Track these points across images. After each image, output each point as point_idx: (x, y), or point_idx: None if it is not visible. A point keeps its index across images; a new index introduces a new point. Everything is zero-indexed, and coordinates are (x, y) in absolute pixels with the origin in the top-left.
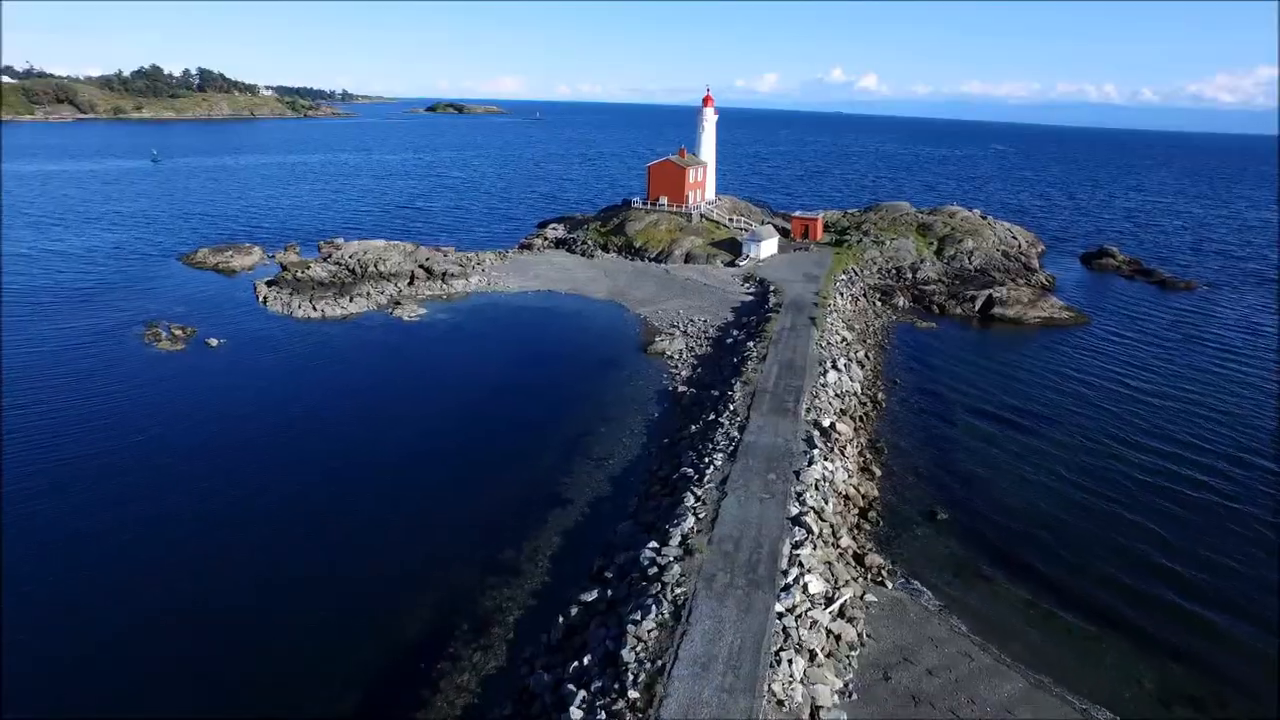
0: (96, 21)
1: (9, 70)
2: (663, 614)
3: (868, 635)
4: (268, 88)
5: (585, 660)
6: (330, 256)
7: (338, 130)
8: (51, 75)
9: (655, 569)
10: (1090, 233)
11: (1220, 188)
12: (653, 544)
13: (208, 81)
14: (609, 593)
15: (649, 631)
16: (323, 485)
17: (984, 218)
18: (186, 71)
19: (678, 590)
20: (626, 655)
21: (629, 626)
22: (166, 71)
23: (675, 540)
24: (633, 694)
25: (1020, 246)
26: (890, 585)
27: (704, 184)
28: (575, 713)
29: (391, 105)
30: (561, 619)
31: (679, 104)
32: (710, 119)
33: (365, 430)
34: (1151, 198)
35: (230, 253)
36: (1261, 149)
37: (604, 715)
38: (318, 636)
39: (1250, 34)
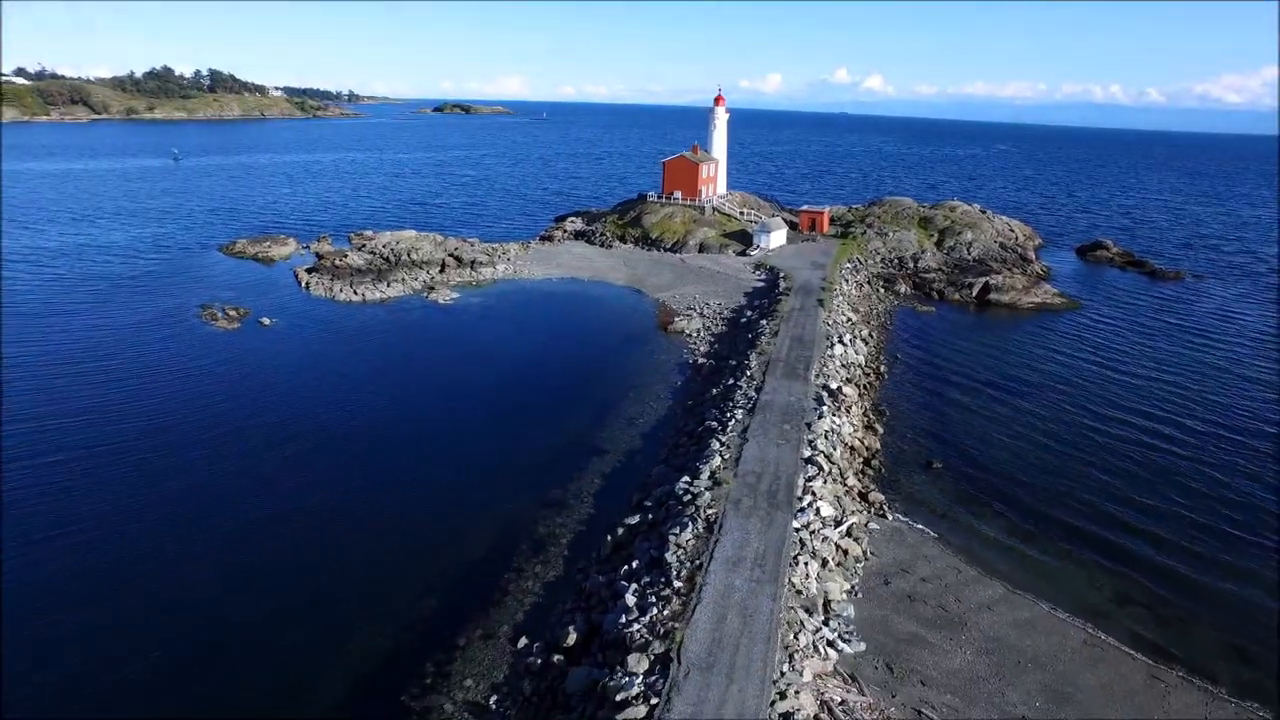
0: (99, 23)
1: (22, 72)
2: (697, 528)
3: (870, 552)
4: (276, 88)
5: (633, 564)
6: (364, 246)
7: (348, 130)
8: (63, 77)
9: (689, 496)
10: (1087, 228)
11: (1220, 186)
12: (685, 479)
13: (218, 82)
14: (649, 516)
15: (687, 540)
16: (388, 441)
17: (983, 212)
18: (198, 72)
19: (709, 511)
20: (669, 558)
21: (670, 537)
22: (178, 73)
23: (705, 475)
24: (677, 583)
25: (1018, 239)
26: (890, 517)
27: (716, 179)
28: (630, 598)
29: (398, 106)
30: (609, 538)
31: (684, 104)
32: (722, 117)
33: (419, 394)
34: (1151, 196)
35: (268, 243)
36: (1265, 149)
37: (653, 599)
38: (399, 556)
39: (1257, 34)
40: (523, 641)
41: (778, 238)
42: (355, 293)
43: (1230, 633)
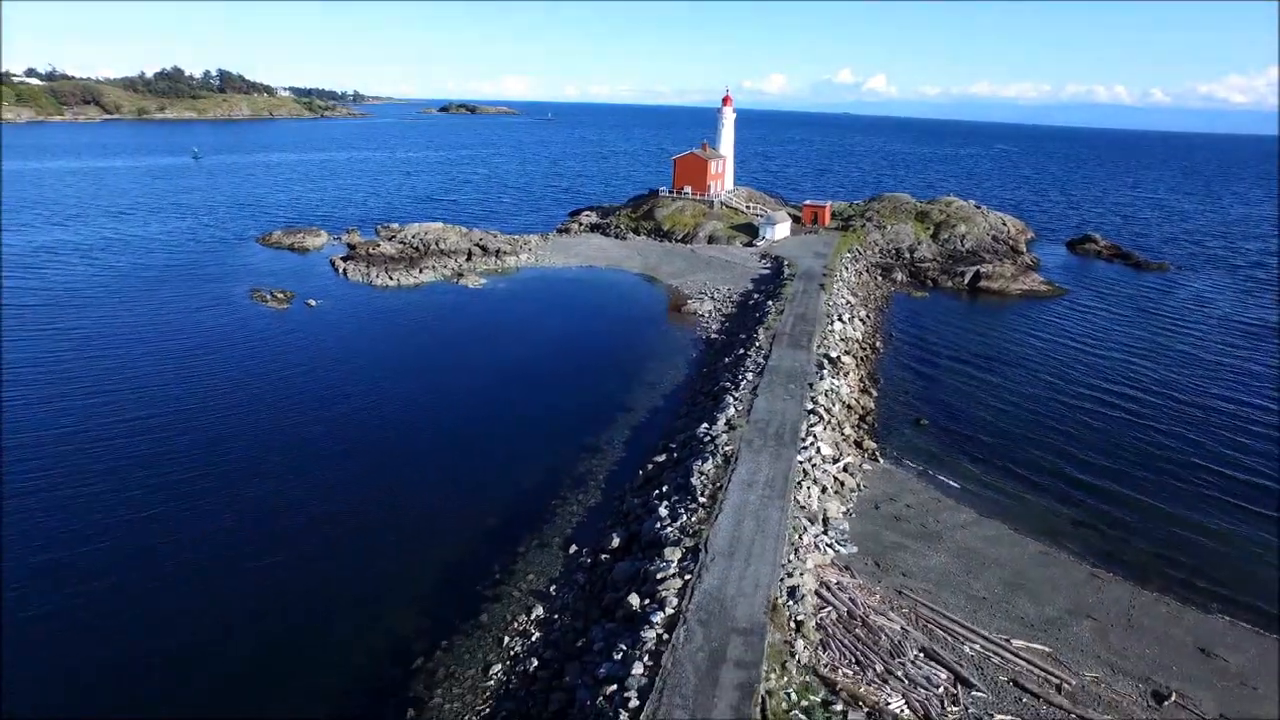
0: (101, 25)
1: (33, 72)
2: (717, 460)
3: (863, 485)
4: (285, 89)
5: (664, 489)
6: (394, 237)
7: (357, 130)
8: (72, 77)
9: (709, 438)
10: (1079, 224)
11: (1215, 185)
12: (705, 425)
13: (227, 83)
14: (674, 455)
15: (708, 469)
16: (440, 402)
17: (978, 207)
18: (207, 73)
19: (727, 448)
20: (694, 481)
21: (694, 467)
22: (187, 73)
23: (721, 422)
24: (701, 499)
25: (1009, 232)
26: (881, 460)
27: (723, 175)
28: (663, 510)
29: (403, 106)
30: (641, 472)
31: (688, 105)
32: (729, 117)
33: (463, 364)
34: (1143, 194)
35: (301, 234)
36: (1266, 148)
37: (682, 510)
38: (461, 490)
39: (1263, 34)
40: (573, 548)
41: (782, 230)
42: (390, 278)
43: (1162, 555)
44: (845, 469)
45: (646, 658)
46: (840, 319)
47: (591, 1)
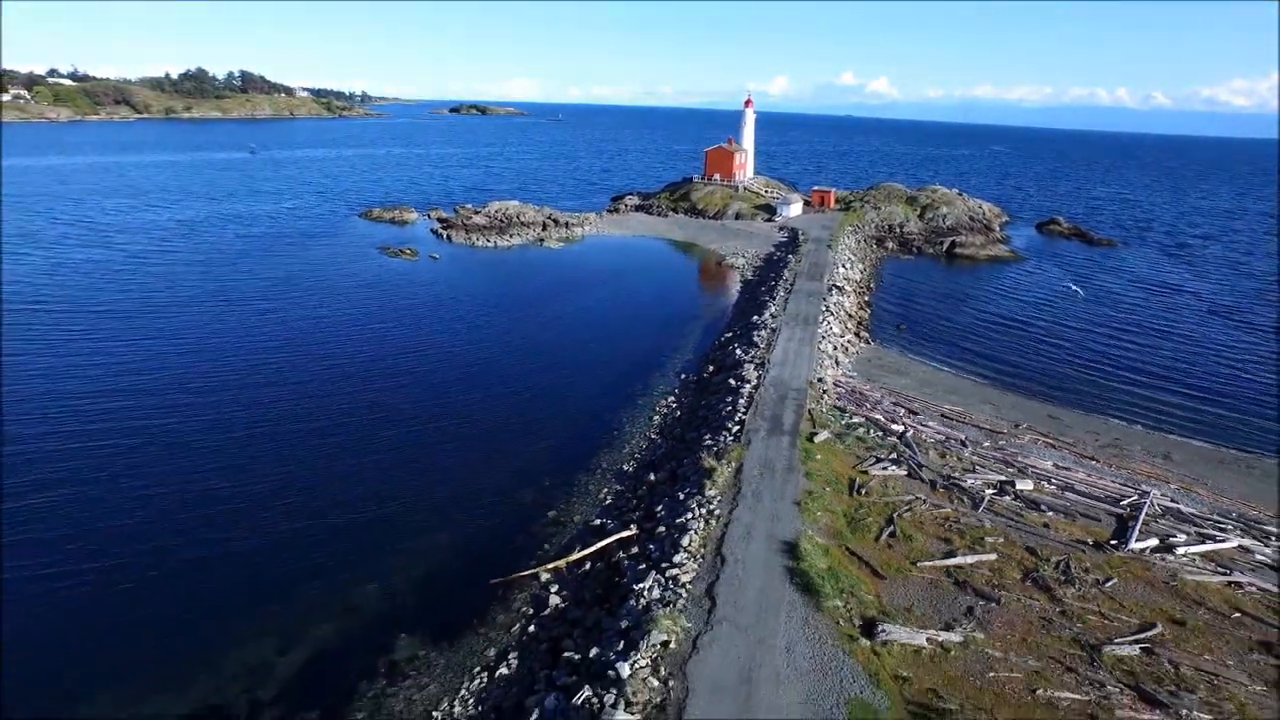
0: (93, 23)
1: (54, 72)
2: (767, 332)
3: (859, 353)
4: (304, 89)
5: (736, 345)
6: (479, 212)
7: (380, 129)
8: (94, 77)
9: (759, 323)
10: (1050, 211)
11: (1185, 184)
12: (755, 317)
13: (249, 83)
14: (738, 332)
15: (764, 334)
16: (568, 315)
17: (960, 195)
18: (230, 74)
19: (772, 326)
20: (755, 340)
21: (753, 334)
22: (211, 74)
23: (766, 314)
24: (760, 345)
25: (986, 214)
26: (872, 344)
27: (746, 166)
28: (738, 351)
29: (413, 106)
30: (716, 341)
31: (691, 106)
32: (750, 117)
33: (570, 297)
34: (1117, 190)
35: (398, 210)
36: (1259, 151)
37: (750, 350)
38: (593, 362)
39: (1267, 36)
40: (683, 375)
41: (795, 209)
42: (488, 240)
43: (1045, 386)
44: (848, 341)
45: (745, 398)
46: (843, 265)
47: (594, 2)
